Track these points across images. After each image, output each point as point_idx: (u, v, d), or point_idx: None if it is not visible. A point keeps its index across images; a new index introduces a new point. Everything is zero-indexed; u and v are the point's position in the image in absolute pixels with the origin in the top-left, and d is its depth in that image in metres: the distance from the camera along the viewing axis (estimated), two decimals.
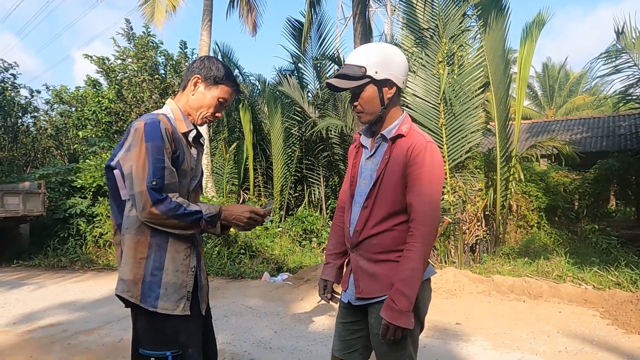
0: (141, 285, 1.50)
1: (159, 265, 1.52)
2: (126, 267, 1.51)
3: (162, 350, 1.50)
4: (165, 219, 1.47)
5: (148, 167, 1.46)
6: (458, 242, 6.71)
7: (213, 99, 1.67)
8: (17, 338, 3.85)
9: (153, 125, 1.50)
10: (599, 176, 8.55)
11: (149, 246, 1.51)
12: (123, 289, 1.51)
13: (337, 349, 1.76)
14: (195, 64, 1.68)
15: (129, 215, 1.54)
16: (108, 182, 1.61)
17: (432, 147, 1.56)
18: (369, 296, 1.60)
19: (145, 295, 1.49)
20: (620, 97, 7.94)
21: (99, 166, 8.85)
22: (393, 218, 1.57)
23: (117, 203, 1.59)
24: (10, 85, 12.69)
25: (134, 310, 1.56)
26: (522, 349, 3.41)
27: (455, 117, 6.93)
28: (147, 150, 1.47)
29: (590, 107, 21.21)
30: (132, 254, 1.51)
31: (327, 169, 10.74)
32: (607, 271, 5.25)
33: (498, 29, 6.82)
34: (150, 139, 1.48)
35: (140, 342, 1.54)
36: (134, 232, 1.52)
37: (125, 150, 1.52)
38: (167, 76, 12.23)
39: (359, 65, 1.56)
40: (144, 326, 1.53)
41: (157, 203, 1.45)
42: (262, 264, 7.13)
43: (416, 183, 1.52)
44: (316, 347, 3.51)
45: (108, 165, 1.57)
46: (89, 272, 7.39)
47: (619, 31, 7.12)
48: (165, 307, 1.51)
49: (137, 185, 1.46)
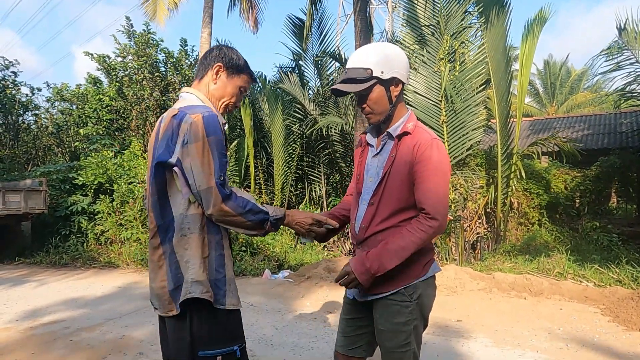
0: (210, 284, 1.46)
1: (221, 262, 1.49)
2: (199, 268, 1.43)
3: (229, 346, 1.47)
4: (234, 216, 1.44)
5: (214, 162, 1.41)
6: (459, 240, 6.71)
7: (235, 87, 1.64)
8: (20, 335, 3.86)
9: (213, 118, 1.44)
10: (600, 173, 8.52)
11: (209, 244, 1.47)
12: (202, 290, 1.42)
13: (341, 345, 1.76)
14: (214, 52, 1.63)
15: (188, 214, 1.45)
16: (155, 179, 1.48)
17: (438, 143, 1.57)
18: (374, 292, 1.61)
19: (215, 294, 1.46)
20: (621, 94, 7.91)
21: (100, 164, 8.86)
22: (399, 215, 1.58)
23: (161, 202, 1.48)
24: (11, 82, 12.69)
25: (187, 314, 1.44)
26: (523, 346, 3.42)
27: (456, 115, 6.91)
28: (211, 145, 1.41)
29: (591, 105, 21.18)
30: (199, 254, 1.44)
31: (328, 167, 10.73)
32: (608, 268, 5.25)
33: (499, 26, 6.80)
34: (213, 133, 1.42)
35: (201, 344, 1.44)
36: (199, 231, 1.45)
37: (181, 145, 1.43)
38: (168, 74, 12.22)
39: (364, 67, 1.56)
40: (207, 327, 1.46)
41: (226, 199, 1.42)
42: (263, 262, 7.14)
43: (424, 180, 1.53)
44: (317, 343, 3.52)
45: (163, 162, 1.45)
46: (90, 269, 7.42)
47: (621, 28, 7.08)
48: (232, 303, 1.49)
49: (205, 182, 1.40)
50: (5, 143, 12.94)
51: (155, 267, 1.50)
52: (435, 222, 1.50)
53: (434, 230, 1.51)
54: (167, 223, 1.47)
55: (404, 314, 1.56)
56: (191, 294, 1.41)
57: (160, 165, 1.46)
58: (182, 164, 1.43)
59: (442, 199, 1.52)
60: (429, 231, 1.50)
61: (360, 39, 7.81)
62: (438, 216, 1.50)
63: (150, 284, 1.54)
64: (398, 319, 1.57)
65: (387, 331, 1.58)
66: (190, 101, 1.56)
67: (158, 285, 1.49)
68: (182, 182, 1.44)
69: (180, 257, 1.45)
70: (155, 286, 1.51)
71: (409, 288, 1.57)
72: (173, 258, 1.46)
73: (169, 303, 1.46)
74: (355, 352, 1.73)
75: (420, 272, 1.59)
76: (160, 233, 1.49)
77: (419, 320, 1.59)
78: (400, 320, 1.56)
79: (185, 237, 1.44)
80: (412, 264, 1.57)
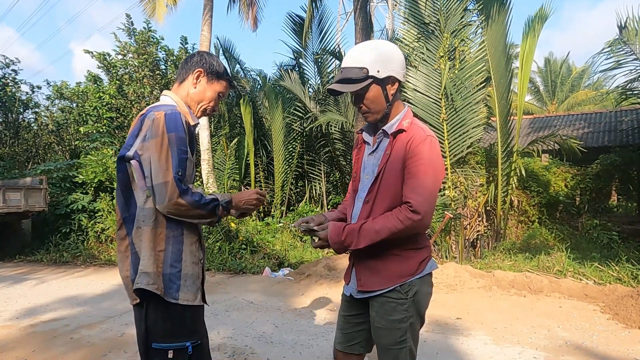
0: (162, 277, 1.49)
1: (178, 257, 1.52)
2: (148, 260, 1.47)
3: (181, 341, 1.50)
4: (190, 210, 1.48)
5: (172, 158, 1.45)
6: (459, 238, 6.71)
7: (214, 92, 1.71)
8: (20, 332, 3.87)
9: (175, 116, 1.49)
10: (601, 171, 8.52)
11: (165, 238, 1.50)
12: (148, 281, 1.46)
13: (339, 342, 1.77)
14: (195, 58, 1.69)
15: (144, 207, 1.50)
16: (119, 173, 1.55)
17: (432, 140, 1.56)
18: (370, 289, 1.61)
19: (167, 288, 1.49)
20: (622, 92, 7.90)
21: (100, 162, 8.86)
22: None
23: (125, 196, 1.54)
24: (12, 81, 12.69)
25: (144, 305, 1.51)
26: (522, 344, 3.42)
27: (456, 112, 6.90)
28: (170, 141, 1.45)
29: (592, 102, 21.13)
30: (151, 247, 1.48)
31: (328, 165, 10.73)
32: (607, 266, 5.25)
33: (500, 23, 6.78)
34: (174, 130, 1.47)
35: (154, 336, 1.50)
36: (152, 225, 1.49)
37: (142, 140, 1.48)
38: (168, 72, 12.21)
39: (360, 67, 1.55)
40: (160, 319, 1.50)
41: (183, 194, 1.45)
42: (263, 259, 7.14)
43: (413, 175, 1.51)
44: (317, 341, 3.53)
45: (122, 156, 1.52)
46: (90, 267, 7.43)
47: (621, 25, 7.07)
48: (186, 299, 1.52)
49: (162, 176, 1.43)
50: (6, 141, 12.95)
51: (122, 257, 1.56)
52: (416, 216, 1.47)
53: (413, 224, 1.48)
54: (131, 216, 1.53)
55: (399, 311, 1.56)
56: (138, 285, 1.47)
57: (121, 160, 1.52)
58: (140, 157, 1.48)
59: (429, 196, 1.50)
60: (407, 223, 1.48)
61: (360, 37, 7.80)
62: (421, 211, 1.47)
63: (119, 274, 1.60)
64: (394, 316, 1.57)
65: (383, 328, 1.58)
66: (163, 102, 1.63)
67: (124, 274, 1.55)
68: (139, 174, 1.50)
69: (138, 249, 1.51)
70: (122, 276, 1.57)
71: (405, 285, 1.57)
72: (133, 249, 1.52)
73: (132, 292, 1.53)
74: (353, 349, 1.74)
75: (416, 270, 1.58)
76: (126, 225, 1.54)
77: (415, 318, 1.59)
78: (396, 318, 1.56)
79: (140, 229, 1.50)
80: (408, 262, 1.57)
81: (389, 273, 1.57)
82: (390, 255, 1.58)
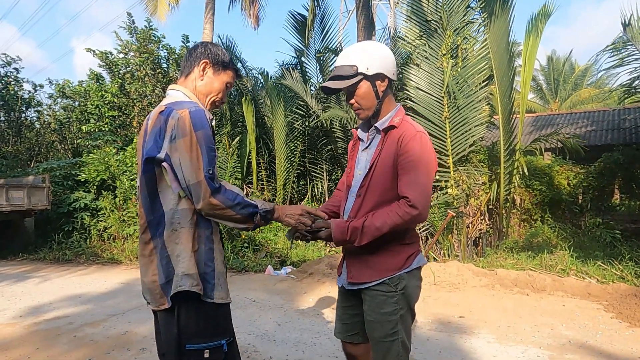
0: (199, 278, 1.47)
1: (210, 256, 1.51)
2: (189, 261, 1.44)
3: (216, 340, 1.48)
4: (223, 209, 1.46)
5: (202, 156, 1.42)
6: (461, 236, 6.70)
7: (222, 83, 1.67)
8: (24, 330, 3.89)
9: (200, 113, 1.46)
10: (604, 170, 8.48)
11: (198, 238, 1.49)
12: (192, 283, 1.43)
13: (339, 332, 1.85)
14: (199, 49, 1.65)
15: (177, 209, 1.46)
16: (144, 175, 1.49)
17: (422, 136, 1.61)
18: (359, 281, 1.68)
19: (203, 288, 1.47)
20: (625, 90, 7.86)
21: (102, 160, 8.87)
22: (383, 206, 1.63)
23: (150, 198, 1.50)
24: (14, 79, 12.71)
25: (175, 308, 1.46)
26: (525, 342, 3.42)
27: (459, 111, 6.88)
28: (199, 139, 1.43)
29: (595, 100, 21.05)
30: (189, 248, 1.45)
31: (330, 163, 10.72)
32: (611, 265, 5.24)
33: (502, 21, 6.75)
34: (200, 127, 1.44)
35: (188, 338, 1.46)
36: (189, 226, 1.46)
37: (169, 141, 1.44)
38: (170, 70, 12.21)
39: (350, 64, 1.64)
40: (194, 320, 1.47)
41: (215, 192, 1.44)
42: (266, 258, 7.15)
43: (406, 171, 1.57)
44: (320, 339, 3.53)
45: (151, 157, 1.46)
46: (93, 265, 7.45)
47: (625, 23, 7.03)
48: (221, 297, 1.51)
49: (194, 176, 1.41)
50: (8, 140, 12.98)
51: (146, 261, 1.52)
52: (414, 211, 1.53)
53: (412, 218, 1.54)
54: (157, 218, 1.49)
55: (390, 304, 1.62)
56: (182, 287, 1.43)
57: (149, 161, 1.47)
58: (170, 159, 1.44)
59: (424, 190, 1.56)
60: (406, 217, 1.54)
61: (362, 35, 7.78)
62: (419, 205, 1.53)
63: (142, 278, 1.56)
64: (385, 309, 1.62)
65: (375, 322, 1.64)
66: (177, 98, 1.57)
67: (149, 279, 1.51)
68: (172, 177, 1.46)
69: (171, 252, 1.46)
70: (146, 280, 1.52)
71: (394, 279, 1.63)
72: (164, 252, 1.47)
73: (161, 297, 1.48)
74: (353, 339, 1.81)
75: (403, 264, 1.64)
76: (151, 228, 1.50)
77: (406, 310, 1.65)
78: (387, 310, 1.62)
79: (176, 232, 1.46)
80: (396, 256, 1.64)
81: (377, 266, 1.64)
82: (380, 250, 1.64)
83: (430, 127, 6.94)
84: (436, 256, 6.48)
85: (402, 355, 1.62)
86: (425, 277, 5.29)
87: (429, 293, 4.83)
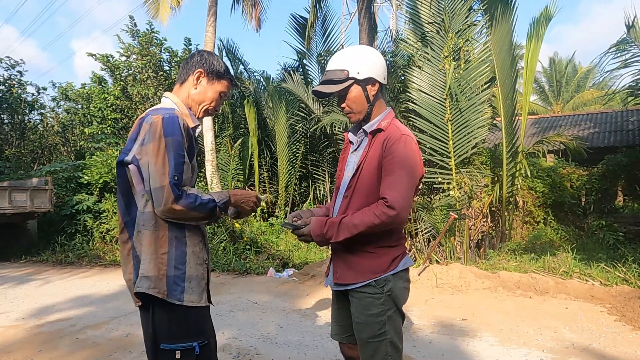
0: (166, 280, 1.49)
1: (182, 259, 1.53)
2: (148, 263, 1.48)
3: (188, 342, 1.51)
4: (186, 213, 1.48)
5: (169, 162, 1.45)
6: (464, 238, 6.68)
7: (215, 92, 1.71)
8: (27, 332, 3.89)
9: (172, 120, 1.49)
10: (607, 172, 8.45)
11: (168, 241, 1.51)
12: (149, 285, 1.47)
13: (336, 334, 1.87)
14: (195, 58, 1.68)
15: (144, 212, 1.50)
16: (118, 178, 1.56)
17: (407, 139, 1.63)
18: (344, 282, 1.69)
19: (171, 290, 1.49)
20: (629, 92, 7.83)
21: (105, 162, 8.90)
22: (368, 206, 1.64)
23: (125, 200, 1.55)
24: (17, 82, 12.78)
25: (150, 307, 1.52)
26: (528, 345, 3.40)
27: (461, 113, 6.87)
28: (167, 145, 1.45)
29: (598, 102, 20.98)
30: (152, 250, 1.49)
31: (332, 165, 10.72)
32: (614, 267, 5.21)
33: (504, 23, 6.75)
34: (170, 134, 1.46)
35: (162, 338, 1.51)
36: (152, 228, 1.49)
37: (140, 144, 1.49)
38: (172, 73, 12.25)
39: (341, 69, 1.67)
40: (166, 321, 1.51)
41: (178, 198, 1.45)
42: (268, 260, 7.15)
43: (389, 173, 1.59)
44: (322, 342, 3.52)
45: (120, 161, 1.53)
46: (96, 267, 7.46)
47: (629, 24, 7.02)
48: (191, 300, 1.53)
49: (158, 180, 1.44)
50: (12, 142, 13.04)
51: (125, 261, 1.58)
52: (391, 211, 1.53)
53: (389, 219, 1.54)
54: (132, 219, 1.54)
55: (376, 305, 1.63)
56: (139, 289, 1.48)
57: (120, 164, 1.53)
58: (138, 161, 1.49)
59: (404, 192, 1.56)
60: (382, 217, 1.54)
61: (364, 38, 7.79)
62: (396, 206, 1.53)
63: (123, 276, 1.62)
64: (372, 310, 1.64)
65: (363, 323, 1.65)
66: (164, 104, 1.63)
67: (127, 277, 1.57)
68: (138, 179, 1.51)
69: (139, 252, 1.52)
70: (126, 279, 1.59)
71: (380, 281, 1.64)
72: (135, 253, 1.53)
73: (135, 295, 1.55)
74: (349, 340, 1.82)
75: (389, 266, 1.65)
76: (127, 228, 1.55)
77: (393, 311, 1.66)
78: (373, 312, 1.63)
79: (140, 234, 1.51)
80: (381, 258, 1.65)
81: (362, 268, 1.65)
82: (365, 252, 1.65)
83: (433, 129, 6.94)
84: (438, 258, 6.46)
85: (390, 354, 1.64)
86: (428, 280, 5.28)
87: (432, 295, 4.81)
